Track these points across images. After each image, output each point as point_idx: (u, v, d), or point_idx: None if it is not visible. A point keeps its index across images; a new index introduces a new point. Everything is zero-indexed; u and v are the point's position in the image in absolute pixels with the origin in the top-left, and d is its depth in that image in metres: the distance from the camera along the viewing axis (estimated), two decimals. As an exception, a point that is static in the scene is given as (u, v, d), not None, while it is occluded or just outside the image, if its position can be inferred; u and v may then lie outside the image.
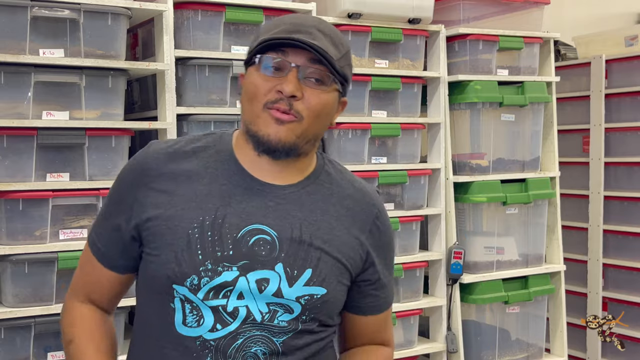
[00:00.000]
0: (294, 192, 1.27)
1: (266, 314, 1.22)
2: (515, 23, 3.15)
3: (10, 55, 2.11)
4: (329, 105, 1.25)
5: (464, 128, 3.03)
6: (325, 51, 1.20)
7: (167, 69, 2.36)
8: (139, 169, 1.29)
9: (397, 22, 2.83)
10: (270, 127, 1.19)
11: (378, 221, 1.34)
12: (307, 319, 1.25)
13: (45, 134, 2.17)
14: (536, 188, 3.12)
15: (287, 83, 1.18)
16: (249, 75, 1.24)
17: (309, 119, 1.21)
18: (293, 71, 1.19)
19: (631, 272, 3.66)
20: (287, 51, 1.20)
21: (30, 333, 2.16)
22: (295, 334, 1.24)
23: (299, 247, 1.24)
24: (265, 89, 1.20)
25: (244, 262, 1.21)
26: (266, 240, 1.22)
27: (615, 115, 3.73)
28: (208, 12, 2.45)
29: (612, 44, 3.81)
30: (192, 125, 2.43)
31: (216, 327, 1.21)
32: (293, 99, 1.19)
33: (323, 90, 1.22)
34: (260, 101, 1.20)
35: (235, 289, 1.21)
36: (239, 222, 1.22)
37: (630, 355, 3.60)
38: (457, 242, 2.97)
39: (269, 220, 1.23)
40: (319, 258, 1.24)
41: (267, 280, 1.21)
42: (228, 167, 1.27)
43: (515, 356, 3.14)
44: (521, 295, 3.08)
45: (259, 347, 1.21)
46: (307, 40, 1.18)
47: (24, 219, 2.16)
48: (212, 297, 1.20)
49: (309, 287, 1.23)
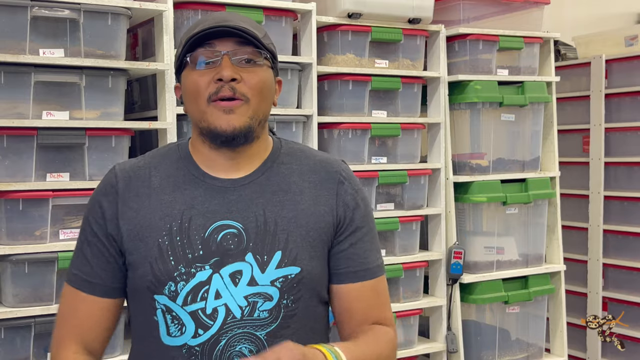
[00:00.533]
0: (253, 181, 1.29)
1: (245, 307, 1.22)
2: (515, 23, 3.15)
3: (10, 55, 2.11)
4: (268, 81, 1.28)
5: (464, 128, 3.03)
6: (248, 29, 1.24)
7: (167, 69, 2.36)
8: (108, 189, 1.31)
9: (397, 22, 2.83)
10: (221, 118, 1.23)
11: (343, 185, 1.33)
12: (289, 302, 1.24)
13: (45, 134, 2.17)
14: (536, 188, 3.12)
15: (224, 69, 1.22)
16: (185, 77, 1.27)
17: (255, 97, 1.25)
18: (225, 58, 1.23)
19: (631, 272, 3.66)
20: (214, 43, 1.25)
21: (30, 333, 2.16)
22: (279, 324, 1.24)
23: (266, 232, 1.25)
24: (204, 82, 1.23)
25: (215, 260, 1.23)
26: (233, 234, 1.25)
27: (615, 115, 3.73)
28: (208, 12, 2.45)
29: (612, 44, 3.81)
30: (192, 125, 2.43)
31: (198, 332, 1.22)
32: (234, 82, 1.22)
33: (258, 68, 1.26)
34: (203, 96, 1.24)
35: (212, 287, 1.22)
36: (205, 221, 1.25)
37: (630, 355, 3.60)
38: (457, 242, 2.97)
39: (233, 214, 1.26)
40: (286, 238, 1.26)
41: (240, 272, 1.23)
42: (188, 171, 1.30)
43: (515, 356, 3.14)
44: (521, 295, 3.08)
45: (243, 344, 1.22)
46: (229, 24, 1.23)
47: (24, 219, 2.16)
48: (191, 301, 1.22)
49: (282, 269, 1.24)
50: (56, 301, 2.20)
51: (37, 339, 2.18)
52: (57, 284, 2.20)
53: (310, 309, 1.28)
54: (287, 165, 1.33)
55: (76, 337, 1.31)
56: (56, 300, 2.20)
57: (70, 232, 2.23)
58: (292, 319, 1.25)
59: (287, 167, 1.33)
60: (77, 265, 1.32)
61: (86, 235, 1.32)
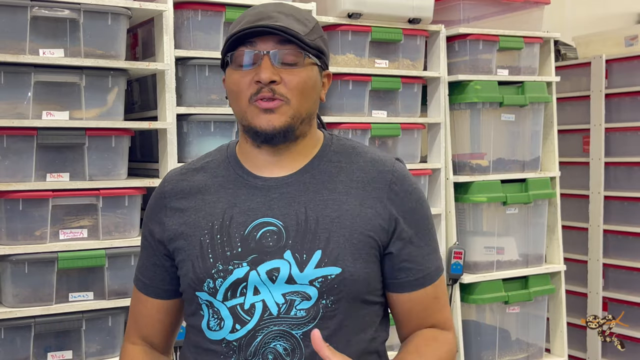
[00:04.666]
0: (297, 179, 1.28)
1: (283, 304, 1.21)
2: (515, 23, 3.15)
3: (10, 55, 2.10)
4: (311, 81, 1.26)
5: (464, 128, 3.03)
6: (288, 28, 1.22)
7: (167, 69, 2.36)
8: (158, 194, 1.37)
9: (397, 22, 2.83)
10: (261, 117, 1.23)
11: (395, 186, 1.29)
12: (329, 303, 1.21)
13: (45, 134, 2.17)
14: (536, 188, 3.12)
15: (262, 71, 1.21)
16: (228, 76, 1.28)
17: (295, 98, 1.23)
18: (265, 58, 1.22)
19: (631, 272, 3.66)
20: (255, 41, 1.23)
21: (30, 333, 2.16)
22: (317, 324, 1.21)
23: (306, 230, 1.23)
24: (245, 83, 1.23)
25: (253, 257, 1.23)
26: (273, 232, 1.24)
27: (615, 115, 3.73)
28: (208, 12, 2.45)
29: (612, 44, 3.81)
30: (192, 125, 2.43)
31: (235, 327, 1.24)
32: (273, 84, 1.22)
33: (299, 68, 1.24)
34: (244, 97, 1.24)
35: (249, 284, 1.23)
36: (245, 219, 1.25)
37: (630, 355, 3.60)
38: (457, 242, 2.97)
39: (274, 211, 1.25)
40: (327, 238, 1.23)
41: (277, 270, 1.22)
42: (233, 171, 1.31)
43: (515, 356, 3.14)
44: (521, 295, 3.08)
45: (278, 342, 1.22)
46: (269, 24, 1.21)
47: (24, 219, 2.16)
48: (230, 297, 1.24)
49: (322, 269, 1.21)
50: (56, 301, 2.20)
51: (37, 339, 2.18)
52: (57, 284, 2.20)
53: (352, 311, 1.24)
54: (335, 164, 1.31)
55: (137, 331, 1.41)
56: (56, 300, 2.20)
57: (70, 232, 2.23)
58: (332, 320, 1.22)
59: (335, 165, 1.30)
60: (139, 267, 1.41)
61: (143, 239, 1.40)
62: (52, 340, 2.22)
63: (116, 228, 2.30)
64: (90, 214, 2.26)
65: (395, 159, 1.34)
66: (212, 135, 2.45)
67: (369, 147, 1.37)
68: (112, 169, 2.29)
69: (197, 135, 2.43)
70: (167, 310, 1.39)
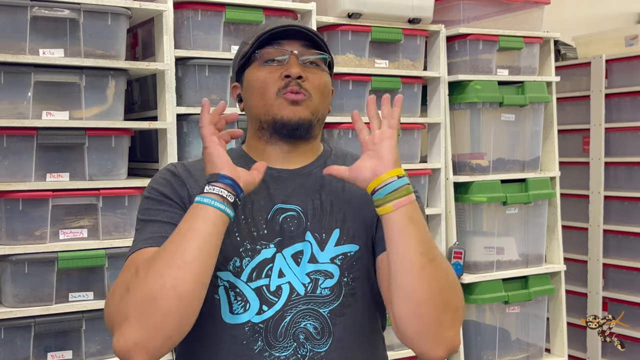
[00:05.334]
0: (309, 172, 1.35)
1: (308, 284, 1.25)
2: (515, 23, 3.15)
3: (10, 55, 2.11)
4: (328, 85, 1.36)
5: (464, 128, 3.03)
6: (315, 32, 1.33)
7: (167, 69, 2.36)
8: (170, 176, 1.31)
9: (397, 22, 2.83)
10: (288, 109, 1.29)
11: None
12: (349, 280, 1.27)
13: (45, 134, 2.17)
14: (536, 188, 3.12)
15: (292, 67, 1.29)
16: (252, 74, 1.33)
17: (317, 96, 1.31)
18: (293, 57, 1.31)
19: (631, 272, 3.66)
20: (282, 42, 1.33)
21: (30, 333, 2.16)
22: (341, 303, 1.26)
23: (323, 212, 1.30)
24: (272, 79, 1.30)
25: (278, 239, 1.27)
26: (293, 217, 1.29)
27: (615, 115, 3.73)
28: (208, 12, 2.45)
29: (612, 44, 3.81)
30: (192, 125, 2.43)
31: (262, 309, 1.24)
32: (300, 79, 1.29)
33: (320, 70, 1.34)
34: (271, 91, 1.30)
35: (275, 266, 1.26)
36: (266, 204, 1.29)
37: (630, 355, 3.60)
38: (457, 242, 2.97)
39: (292, 199, 1.30)
40: (343, 218, 1.30)
41: (302, 252, 1.27)
42: (245, 164, 1.30)
43: (515, 356, 3.14)
44: (521, 295, 3.08)
45: (308, 321, 1.24)
46: (301, 25, 1.32)
47: (24, 219, 2.16)
48: (255, 278, 1.25)
49: (341, 247, 1.28)
50: (56, 301, 2.20)
51: (37, 339, 2.18)
52: (57, 284, 2.20)
53: (368, 289, 1.30)
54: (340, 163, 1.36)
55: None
56: (56, 300, 2.20)
57: (70, 232, 2.23)
58: (353, 298, 1.27)
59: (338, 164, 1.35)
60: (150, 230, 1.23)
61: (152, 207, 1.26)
62: (52, 340, 2.22)
63: (116, 228, 2.30)
64: (90, 214, 2.26)
65: None
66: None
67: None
68: (112, 169, 2.29)
69: (197, 135, 2.43)
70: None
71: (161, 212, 1.26)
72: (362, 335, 1.29)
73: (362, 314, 1.28)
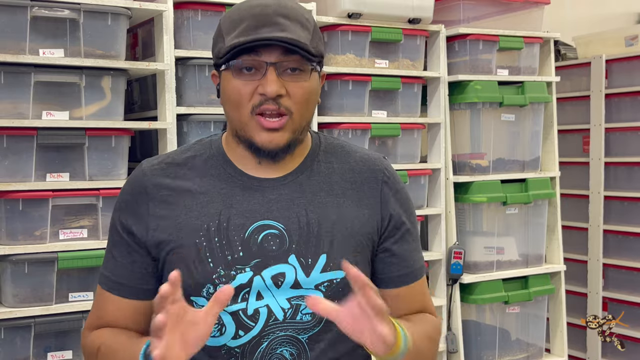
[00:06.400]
0: (293, 180, 1.24)
1: (288, 309, 1.20)
2: (515, 23, 3.15)
3: (10, 55, 2.11)
4: (315, 90, 1.21)
5: (464, 128, 3.03)
6: (298, 40, 1.14)
7: (167, 69, 2.36)
8: (137, 189, 1.26)
9: (397, 22, 2.83)
10: (263, 135, 1.17)
11: (387, 185, 1.30)
12: None
13: (45, 134, 2.17)
14: (536, 188, 3.12)
15: (268, 84, 1.14)
16: (227, 80, 1.19)
17: (299, 111, 1.18)
18: (270, 70, 1.15)
19: (631, 272, 3.66)
20: (259, 51, 1.15)
21: (30, 333, 2.16)
22: (322, 328, 1.21)
23: (309, 234, 1.21)
24: (247, 93, 1.16)
25: (256, 261, 1.19)
26: (275, 235, 1.20)
27: (615, 115, 3.73)
28: (208, 12, 2.45)
29: (612, 44, 3.81)
30: (192, 125, 2.43)
31: (238, 333, 1.20)
32: (278, 97, 1.16)
33: (304, 79, 1.18)
34: (245, 107, 1.17)
35: (252, 289, 1.19)
36: (244, 221, 1.20)
37: (630, 355, 3.60)
38: (457, 242, 2.97)
39: (273, 213, 1.21)
40: (331, 241, 1.22)
41: (283, 275, 1.19)
42: (223, 170, 1.25)
43: (515, 356, 3.14)
44: (521, 295, 3.08)
45: (284, 347, 1.20)
46: (277, 36, 1.13)
47: (24, 219, 2.16)
48: (232, 302, 1.18)
49: (327, 273, 1.21)
50: (56, 301, 2.20)
51: (37, 339, 2.18)
52: (56, 284, 2.20)
53: None
54: (327, 164, 1.28)
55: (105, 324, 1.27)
56: (56, 300, 2.20)
57: (70, 232, 2.23)
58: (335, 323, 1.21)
59: (327, 165, 1.28)
60: (107, 267, 1.27)
61: (113, 236, 1.27)
62: (52, 340, 2.22)
63: (116, 228, 2.30)
64: (90, 214, 2.26)
65: (383, 157, 1.36)
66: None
67: (355, 145, 1.36)
68: (112, 168, 2.29)
69: (197, 135, 2.43)
70: (146, 311, 1.25)
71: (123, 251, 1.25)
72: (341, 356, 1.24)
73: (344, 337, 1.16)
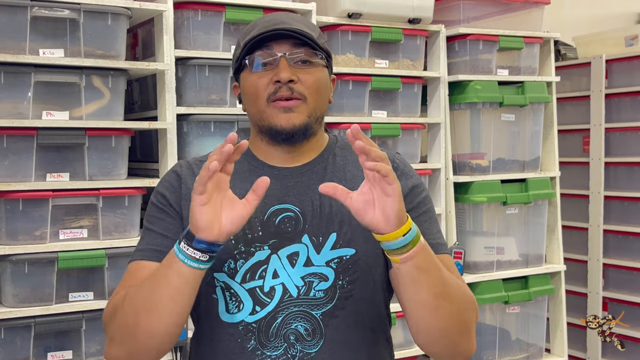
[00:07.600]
0: (310, 169, 1.35)
1: (302, 286, 1.26)
2: (515, 23, 3.15)
3: (10, 55, 2.11)
4: (324, 80, 1.33)
5: (464, 128, 3.03)
6: (305, 31, 1.29)
7: (167, 69, 2.36)
8: (173, 175, 1.37)
9: (397, 22, 2.83)
10: (280, 117, 1.28)
11: (398, 170, 1.37)
12: (345, 284, 1.27)
13: (45, 134, 2.17)
14: (536, 188, 3.12)
15: (281, 71, 1.27)
16: (245, 79, 1.33)
17: (312, 96, 1.30)
18: (282, 60, 1.28)
19: (631, 272, 3.66)
20: (271, 45, 1.30)
21: (30, 333, 2.16)
22: (335, 305, 1.26)
23: (321, 215, 1.30)
24: (263, 84, 1.29)
25: (273, 241, 1.28)
26: (290, 217, 1.30)
27: (615, 115, 3.73)
28: (208, 12, 2.45)
29: (612, 44, 3.81)
30: (192, 125, 2.43)
31: (255, 309, 1.26)
32: (291, 83, 1.28)
33: (313, 67, 1.31)
34: (262, 97, 1.29)
35: (269, 267, 1.27)
36: (263, 206, 1.29)
37: (630, 355, 3.60)
38: (457, 242, 2.97)
39: (290, 198, 1.31)
40: (340, 220, 1.29)
41: (297, 254, 1.28)
42: (248, 163, 1.35)
43: (515, 356, 3.14)
44: (521, 295, 3.08)
45: (299, 322, 1.26)
46: (286, 27, 1.28)
47: (24, 219, 2.16)
48: (249, 279, 1.27)
49: (337, 250, 1.28)
50: (56, 301, 2.20)
51: (37, 339, 2.18)
52: (57, 284, 2.20)
53: (367, 292, 1.29)
54: (342, 158, 1.38)
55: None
56: (56, 300, 2.20)
57: (70, 232, 2.23)
58: (348, 301, 1.27)
59: (342, 158, 1.38)
60: (141, 243, 1.33)
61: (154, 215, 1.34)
62: (52, 340, 2.22)
63: (116, 228, 2.30)
64: (90, 214, 2.26)
65: (396, 152, 1.46)
66: (212, 135, 2.45)
67: None
68: (112, 169, 2.29)
69: (197, 135, 2.43)
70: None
71: (159, 222, 1.33)
72: (357, 336, 1.29)
73: (359, 315, 1.29)
